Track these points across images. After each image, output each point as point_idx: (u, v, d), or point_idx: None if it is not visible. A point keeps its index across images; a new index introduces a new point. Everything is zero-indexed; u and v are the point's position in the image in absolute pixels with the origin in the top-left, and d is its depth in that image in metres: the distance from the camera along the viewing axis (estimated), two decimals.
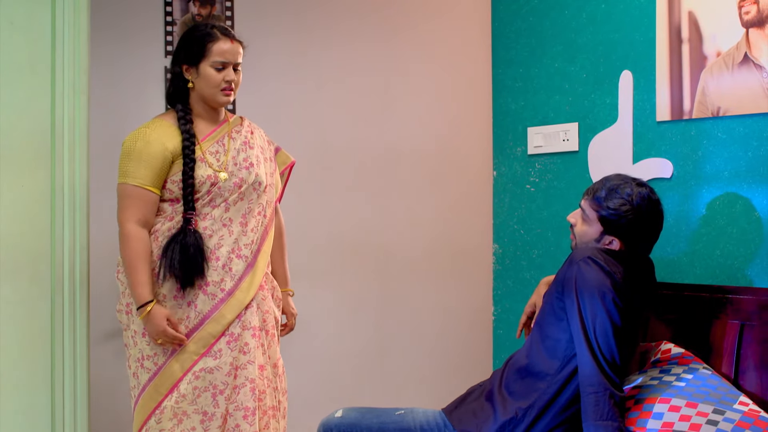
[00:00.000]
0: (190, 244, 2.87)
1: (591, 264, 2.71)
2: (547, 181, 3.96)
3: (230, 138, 3.04)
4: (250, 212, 3.01)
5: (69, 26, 3.00)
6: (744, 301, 2.95)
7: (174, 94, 3.04)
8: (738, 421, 2.60)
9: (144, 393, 2.92)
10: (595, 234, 2.84)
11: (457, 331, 4.32)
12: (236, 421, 2.89)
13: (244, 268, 2.97)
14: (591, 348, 2.63)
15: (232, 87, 2.97)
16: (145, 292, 2.87)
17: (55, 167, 2.98)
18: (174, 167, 2.93)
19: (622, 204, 2.78)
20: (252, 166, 3.02)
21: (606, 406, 2.58)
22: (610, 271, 2.70)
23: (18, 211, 2.92)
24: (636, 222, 2.79)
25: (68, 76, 3.01)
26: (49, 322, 2.97)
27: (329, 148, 4.09)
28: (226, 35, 2.97)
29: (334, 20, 4.12)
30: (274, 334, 3.08)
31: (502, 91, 4.24)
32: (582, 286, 2.69)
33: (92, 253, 3.16)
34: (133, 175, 2.89)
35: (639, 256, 2.86)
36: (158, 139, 2.91)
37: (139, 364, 2.94)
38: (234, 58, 2.97)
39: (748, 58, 3.11)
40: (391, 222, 4.21)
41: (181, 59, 2.99)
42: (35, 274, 2.94)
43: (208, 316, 2.90)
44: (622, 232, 2.80)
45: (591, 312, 2.65)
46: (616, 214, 2.79)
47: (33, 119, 2.95)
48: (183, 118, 2.97)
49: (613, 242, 2.82)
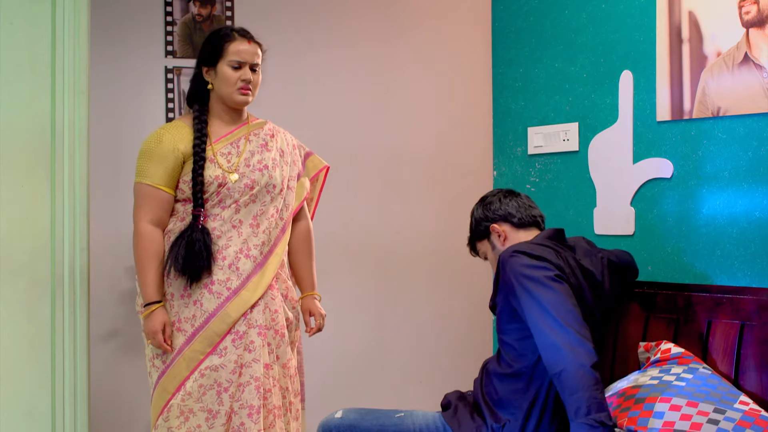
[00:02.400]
0: (196, 239, 2.90)
1: (518, 255, 2.74)
2: (548, 181, 3.96)
3: (247, 140, 3.06)
4: (262, 214, 3.02)
5: (69, 26, 3.01)
6: (744, 301, 2.94)
7: (194, 95, 3.08)
8: (739, 420, 2.60)
9: (155, 392, 2.95)
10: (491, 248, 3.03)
11: (456, 331, 4.32)
12: (241, 419, 2.90)
13: (253, 267, 2.98)
14: (550, 328, 2.58)
15: (249, 87, 3.01)
16: (153, 291, 2.92)
17: (55, 167, 2.98)
18: (186, 167, 2.96)
19: (471, 215, 3.10)
20: (266, 168, 3.04)
21: (575, 378, 2.49)
22: (539, 255, 2.73)
23: (18, 211, 2.92)
24: (486, 207, 3.02)
25: (68, 76, 3.01)
26: (49, 322, 2.97)
27: (329, 148, 4.08)
28: (244, 36, 3.02)
29: (333, 20, 4.12)
30: (285, 334, 3.07)
31: (502, 91, 4.23)
32: (520, 277, 2.69)
33: (92, 254, 3.17)
34: (147, 175, 2.94)
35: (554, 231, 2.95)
36: (171, 139, 2.96)
37: (152, 363, 2.97)
38: (251, 58, 3.00)
39: (748, 58, 3.11)
40: (391, 222, 4.21)
41: (201, 61, 3.05)
42: (35, 274, 2.94)
43: (214, 314, 2.91)
44: (488, 218, 3.01)
45: (541, 295, 2.63)
46: (477, 221, 3.05)
47: (33, 119, 2.96)
48: (197, 118, 3.01)
49: (498, 230, 2.99)
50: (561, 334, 2.56)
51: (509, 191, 3.06)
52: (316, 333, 3.28)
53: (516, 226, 2.98)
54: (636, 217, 3.51)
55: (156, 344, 2.91)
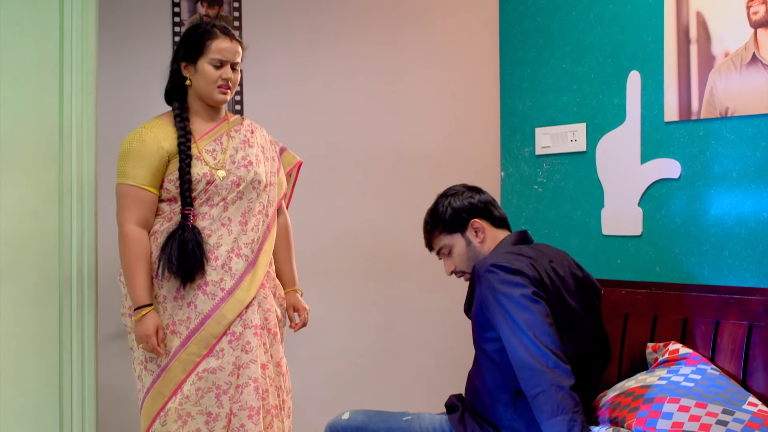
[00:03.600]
0: (188, 239, 2.87)
1: (496, 271, 2.66)
2: (555, 181, 3.95)
3: (229, 137, 3.04)
4: (249, 211, 3.01)
5: (77, 27, 3.01)
6: (752, 302, 2.94)
7: (172, 91, 3.05)
8: (747, 421, 2.59)
9: (148, 396, 2.92)
10: (461, 242, 2.91)
11: (463, 331, 4.30)
12: (241, 420, 2.89)
13: (245, 267, 2.97)
14: (526, 349, 2.53)
15: (228, 85, 2.98)
16: (143, 294, 2.87)
17: (63, 167, 2.99)
18: (171, 166, 2.93)
19: (439, 207, 2.94)
20: (251, 164, 3.02)
21: (554, 401, 2.46)
22: (517, 269, 2.65)
23: (26, 211, 2.93)
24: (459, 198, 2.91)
25: (76, 77, 3.02)
26: (57, 322, 2.97)
27: (336, 148, 4.09)
28: (226, 34, 2.98)
29: (341, 21, 4.12)
30: (276, 332, 3.07)
31: (509, 91, 4.23)
32: (497, 294, 2.62)
33: (100, 253, 3.17)
34: (130, 176, 2.89)
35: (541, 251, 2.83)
36: (154, 138, 2.92)
37: (143, 367, 2.94)
38: (232, 56, 2.98)
39: (756, 58, 3.10)
40: (397, 222, 4.21)
41: (180, 56, 3.00)
42: (43, 274, 2.95)
43: (209, 315, 2.90)
44: (466, 212, 2.90)
45: (517, 315, 2.57)
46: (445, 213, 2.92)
47: (41, 120, 2.96)
48: (179, 116, 2.98)
49: (477, 226, 2.88)
50: (537, 355, 2.51)
51: (474, 187, 2.99)
52: (301, 328, 3.26)
53: (493, 225, 2.92)
54: (644, 218, 3.51)
55: (149, 348, 2.87)
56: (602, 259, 3.66)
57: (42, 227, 2.95)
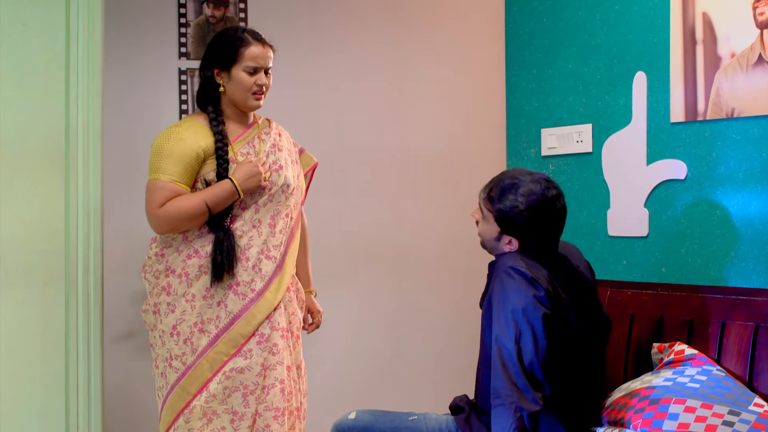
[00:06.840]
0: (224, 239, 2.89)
1: (513, 275, 2.60)
2: (561, 182, 3.94)
3: (260, 140, 3.06)
4: (278, 214, 3.03)
5: (83, 28, 3.02)
6: (758, 302, 2.94)
7: (205, 97, 3.05)
8: (754, 422, 2.59)
9: (172, 393, 2.92)
10: (493, 233, 2.75)
11: (469, 332, 4.30)
12: (266, 421, 2.90)
13: (274, 269, 2.98)
14: (503, 361, 2.53)
15: (263, 91, 3.00)
16: (217, 186, 2.90)
17: (69, 169, 2.99)
18: (204, 167, 2.94)
19: (515, 205, 2.67)
20: (281, 168, 3.05)
21: (508, 419, 2.47)
22: (533, 278, 2.59)
23: (32, 212, 2.93)
24: (531, 221, 2.67)
25: (82, 78, 3.02)
26: (64, 323, 2.98)
27: (343, 150, 4.09)
28: (258, 39, 2.99)
29: (347, 22, 4.12)
30: (299, 335, 3.10)
31: (515, 92, 4.23)
32: (504, 299, 2.59)
33: (106, 255, 3.17)
34: (165, 171, 2.89)
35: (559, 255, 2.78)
36: (192, 137, 2.92)
37: (167, 364, 2.94)
38: (265, 62, 2.99)
39: (762, 59, 3.10)
40: (405, 223, 4.21)
41: (212, 63, 3.00)
42: (49, 276, 2.95)
43: (239, 315, 2.91)
44: (519, 231, 2.69)
45: (511, 326, 2.55)
46: (510, 215, 2.68)
47: (47, 121, 2.97)
48: (215, 120, 2.98)
49: (512, 242, 2.72)
50: (511, 371, 2.51)
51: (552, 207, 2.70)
52: (314, 330, 3.30)
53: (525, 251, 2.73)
54: (650, 219, 3.50)
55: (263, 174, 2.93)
56: (608, 260, 3.66)
57: (48, 228, 2.96)
